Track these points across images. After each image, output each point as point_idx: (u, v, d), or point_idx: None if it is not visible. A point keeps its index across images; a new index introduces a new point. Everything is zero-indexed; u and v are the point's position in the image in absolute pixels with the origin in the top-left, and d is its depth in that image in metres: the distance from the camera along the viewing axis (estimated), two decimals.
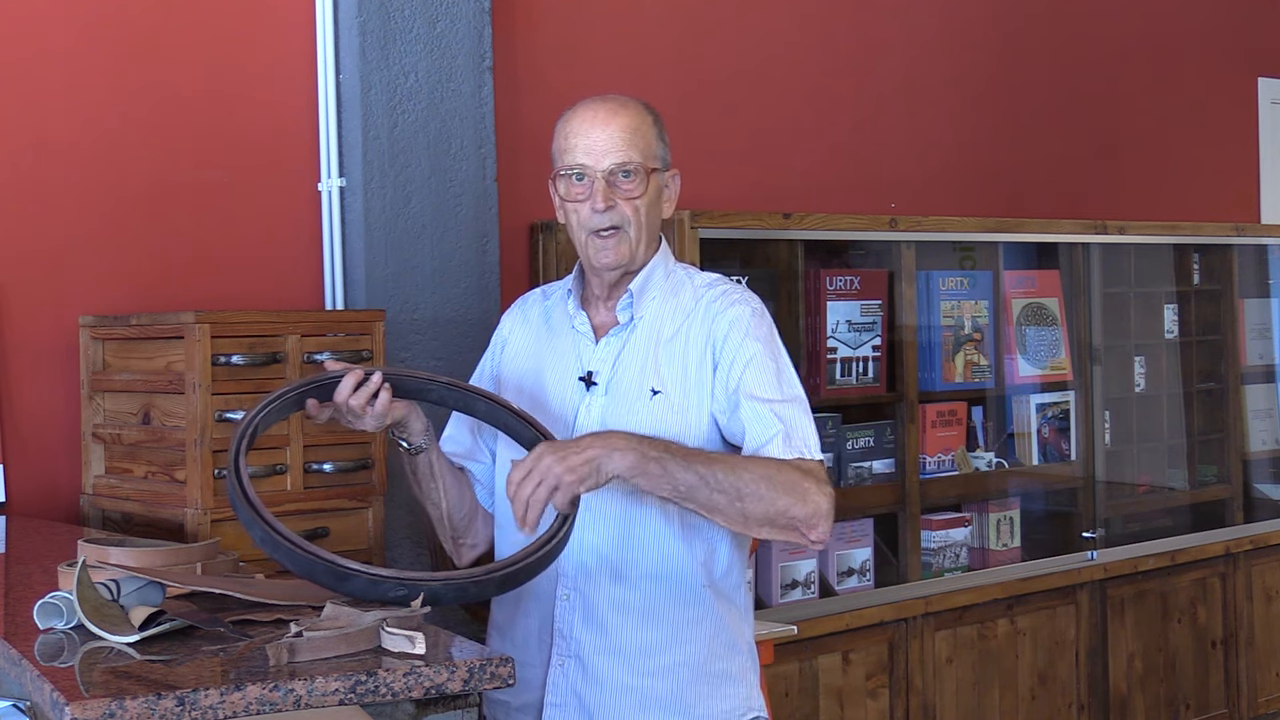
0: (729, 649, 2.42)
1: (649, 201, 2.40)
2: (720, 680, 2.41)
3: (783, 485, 2.24)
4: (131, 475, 3.30)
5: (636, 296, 2.42)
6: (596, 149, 2.37)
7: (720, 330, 2.37)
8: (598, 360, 2.42)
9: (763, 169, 4.79)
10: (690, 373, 2.37)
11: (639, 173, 2.37)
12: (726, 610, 2.42)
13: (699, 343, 2.38)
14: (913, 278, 4.46)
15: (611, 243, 2.38)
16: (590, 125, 2.38)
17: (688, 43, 4.65)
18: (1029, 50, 5.60)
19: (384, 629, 1.89)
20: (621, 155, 2.36)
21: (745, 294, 2.45)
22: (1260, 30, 6.53)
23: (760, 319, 2.40)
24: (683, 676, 2.36)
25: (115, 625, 1.97)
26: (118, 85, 3.59)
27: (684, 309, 2.42)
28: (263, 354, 3.13)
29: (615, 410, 2.37)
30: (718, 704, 2.40)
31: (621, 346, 2.42)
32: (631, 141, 2.37)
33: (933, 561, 4.50)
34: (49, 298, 3.49)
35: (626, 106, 2.41)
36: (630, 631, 2.35)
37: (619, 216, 2.37)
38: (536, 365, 2.49)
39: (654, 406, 2.35)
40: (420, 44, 3.80)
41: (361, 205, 3.74)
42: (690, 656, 2.37)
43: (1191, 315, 5.50)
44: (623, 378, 2.39)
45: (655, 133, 2.42)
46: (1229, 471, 5.52)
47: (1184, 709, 5.14)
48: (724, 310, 2.39)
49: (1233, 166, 6.42)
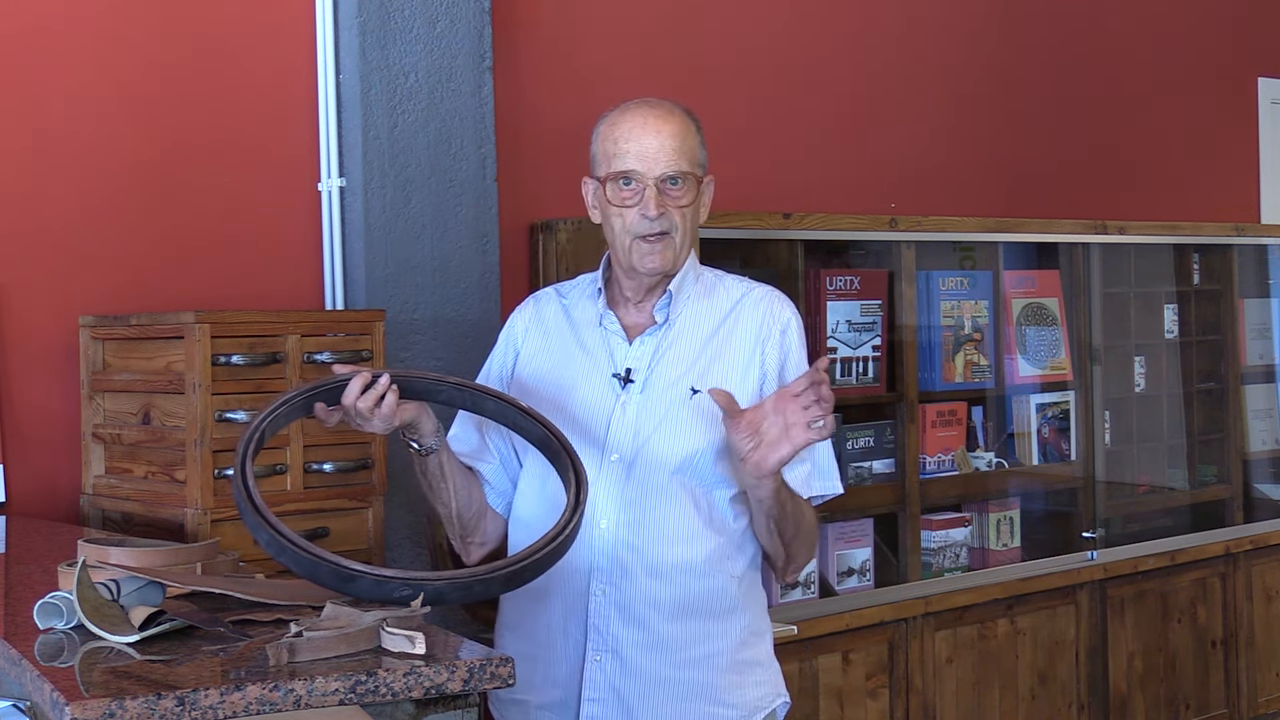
0: (757, 637, 2.50)
1: (693, 208, 2.44)
2: (751, 668, 2.47)
3: (811, 534, 2.50)
4: (131, 475, 3.30)
5: (674, 297, 2.45)
6: (649, 155, 2.40)
7: (773, 333, 2.44)
8: (634, 359, 2.44)
9: (763, 169, 4.79)
10: (735, 372, 2.42)
11: (689, 181, 2.41)
12: (753, 599, 2.50)
13: (746, 343, 2.44)
14: (913, 278, 4.46)
15: (659, 248, 2.41)
16: (642, 131, 2.41)
17: (687, 42, 4.65)
18: (1029, 50, 5.60)
19: (384, 629, 1.89)
20: (673, 164, 2.40)
21: (785, 298, 2.52)
22: (1260, 30, 6.53)
23: (801, 328, 2.50)
24: (718, 665, 2.42)
25: (115, 625, 1.97)
26: (118, 85, 3.59)
27: (720, 309, 2.47)
28: (263, 354, 3.13)
29: (652, 408, 2.40)
30: (750, 691, 2.46)
31: (657, 346, 2.44)
32: (681, 149, 2.41)
33: (933, 561, 4.50)
34: (49, 298, 3.48)
35: (674, 113, 2.45)
36: (666, 624, 2.38)
37: (668, 223, 2.40)
38: (560, 364, 2.50)
39: (694, 405, 2.38)
40: (420, 44, 3.80)
41: (361, 205, 3.74)
42: (723, 646, 2.43)
43: (1191, 315, 5.50)
44: (660, 377, 2.42)
45: (699, 140, 2.46)
46: (1229, 471, 5.52)
47: (1184, 709, 5.14)
48: (775, 312, 2.47)
49: (1233, 166, 6.41)
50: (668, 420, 2.39)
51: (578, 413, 2.43)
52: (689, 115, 2.47)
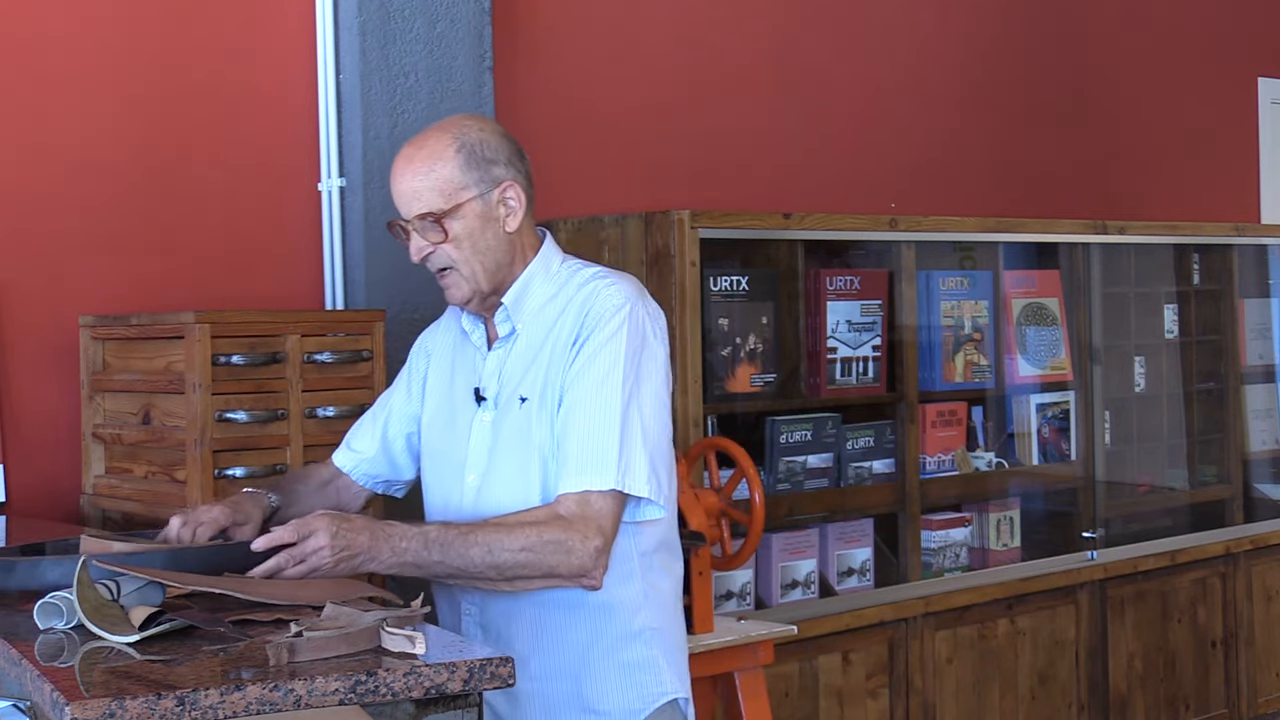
0: (628, 639, 2.37)
1: (469, 231, 2.34)
2: (625, 671, 2.37)
3: (547, 549, 2.21)
4: (131, 475, 3.30)
5: (513, 307, 2.40)
6: (401, 198, 2.35)
7: (585, 326, 2.31)
8: (488, 374, 2.42)
9: (763, 169, 4.79)
10: (552, 372, 2.33)
11: (433, 220, 2.32)
12: (614, 603, 2.35)
13: (564, 342, 2.34)
14: (913, 278, 4.45)
15: (448, 283, 2.38)
16: (395, 174, 2.36)
17: (687, 42, 4.65)
18: (1029, 50, 5.60)
19: (384, 629, 1.89)
20: (411, 206, 2.34)
21: (622, 284, 2.36)
22: (1260, 30, 6.53)
23: (618, 313, 2.31)
24: (580, 675, 2.35)
25: (115, 625, 1.97)
26: (118, 86, 3.59)
27: (559, 308, 2.38)
28: (263, 354, 3.13)
29: (498, 423, 2.37)
30: (625, 694, 2.36)
31: (503, 358, 2.41)
32: (421, 189, 2.32)
33: (933, 561, 4.50)
34: (49, 298, 3.49)
35: (423, 146, 2.36)
36: (524, 639, 2.34)
37: (443, 259, 2.36)
38: (450, 381, 2.49)
39: (522, 415, 2.34)
40: (420, 44, 3.80)
41: (361, 205, 3.74)
42: (585, 653, 2.34)
43: (1191, 315, 5.50)
44: (505, 388, 2.38)
45: (458, 162, 2.33)
46: (1229, 471, 5.52)
47: (1184, 709, 5.14)
48: (590, 302, 2.33)
49: (1233, 166, 6.42)
50: (504, 433, 2.34)
51: (454, 433, 2.43)
52: (448, 136, 2.35)
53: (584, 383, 2.28)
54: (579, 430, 2.26)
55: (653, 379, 2.32)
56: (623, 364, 2.28)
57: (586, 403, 2.27)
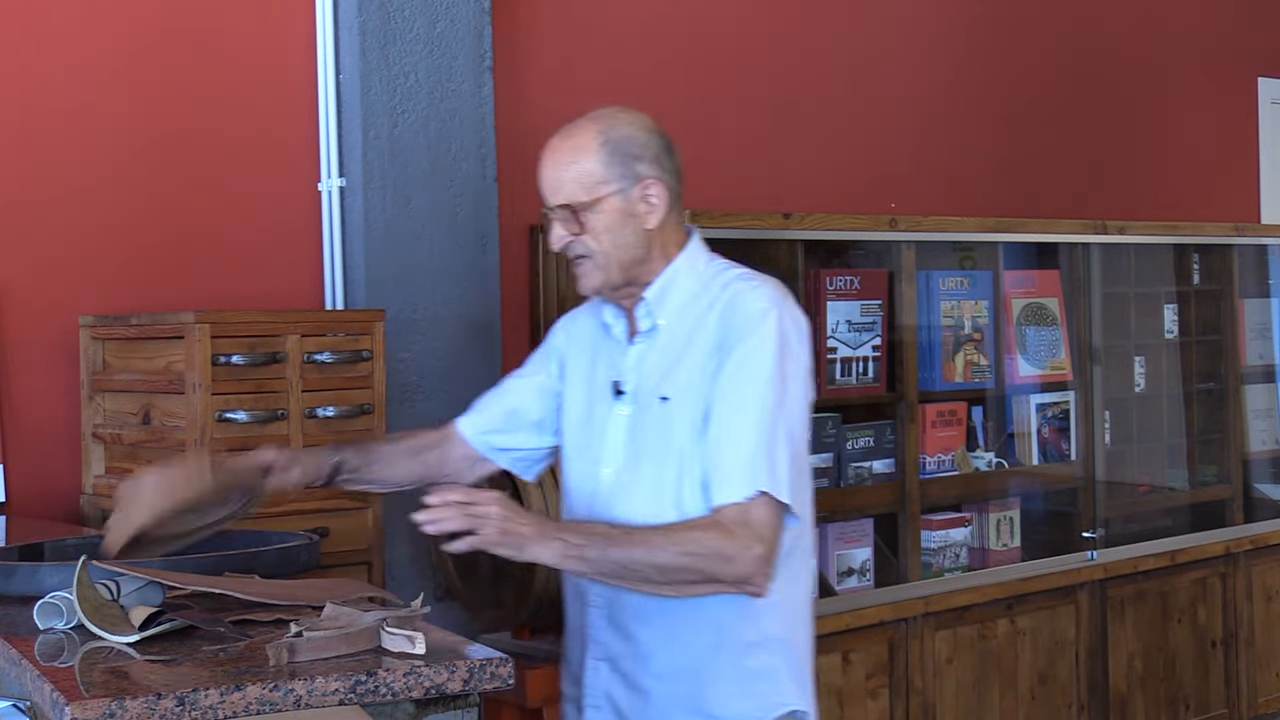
0: (752, 647, 2.37)
1: (608, 225, 2.34)
2: (745, 679, 2.38)
3: (707, 556, 2.21)
4: (131, 475, 3.30)
5: (655, 302, 2.38)
6: (546, 186, 2.36)
7: (731, 333, 2.31)
8: (627, 368, 2.41)
9: (763, 169, 4.79)
10: (695, 374, 2.32)
11: (574, 208, 2.33)
12: (743, 609, 2.34)
13: (709, 340, 2.33)
14: (913, 278, 4.45)
15: (581, 270, 2.37)
16: (543, 162, 2.37)
17: (688, 43, 4.65)
18: (1029, 50, 5.60)
19: (384, 629, 1.90)
20: (557, 194, 2.34)
21: (765, 287, 2.37)
22: (1260, 30, 6.53)
23: (765, 317, 2.30)
24: (702, 678, 2.34)
25: (115, 625, 1.97)
26: (118, 85, 3.59)
27: (703, 307, 2.37)
28: (263, 354, 3.13)
29: (636, 419, 2.36)
30: (744, 703, 2.36)
31: (647, 352, 2.39)
32: (564, 179, 2.33)
33: (933, 561, 4.50)
34: (49, 298, 3.49)
35: (570, 137, 2.36)
36: (650, 636, 2.34)
37: (581, 247, 2.36)
38: (590, 372, 2.48)
39: (663, 414, 2.33)
40: (420, 44, 3.80)
41: (361, 205, 3.74)
42: (709, 658, 2.34)
43: (1191, 315, 5.49)
44: (645, 383, 2.37)
45: (601, 156, 2.33)
46: (1229, 471, 5.52)
47: (1184, 709, 5.14)
48: (735, 304, 2.33)
49: (1233, 166, 6.41)
50: (644, 431, 2.34)
51: (590, 427, 2.42)
52: (594, 129, 2.35)
53: (733, 392, 2.27)
54: (730, 439, 2.25)
55: (796, 385, 2.32)
56: (770, 371, 2.28)
57: (736, 412, 2.26)
